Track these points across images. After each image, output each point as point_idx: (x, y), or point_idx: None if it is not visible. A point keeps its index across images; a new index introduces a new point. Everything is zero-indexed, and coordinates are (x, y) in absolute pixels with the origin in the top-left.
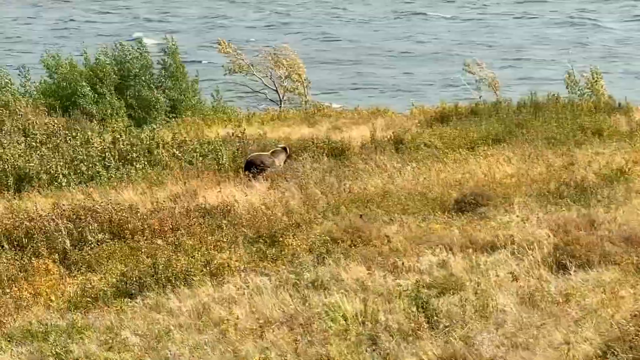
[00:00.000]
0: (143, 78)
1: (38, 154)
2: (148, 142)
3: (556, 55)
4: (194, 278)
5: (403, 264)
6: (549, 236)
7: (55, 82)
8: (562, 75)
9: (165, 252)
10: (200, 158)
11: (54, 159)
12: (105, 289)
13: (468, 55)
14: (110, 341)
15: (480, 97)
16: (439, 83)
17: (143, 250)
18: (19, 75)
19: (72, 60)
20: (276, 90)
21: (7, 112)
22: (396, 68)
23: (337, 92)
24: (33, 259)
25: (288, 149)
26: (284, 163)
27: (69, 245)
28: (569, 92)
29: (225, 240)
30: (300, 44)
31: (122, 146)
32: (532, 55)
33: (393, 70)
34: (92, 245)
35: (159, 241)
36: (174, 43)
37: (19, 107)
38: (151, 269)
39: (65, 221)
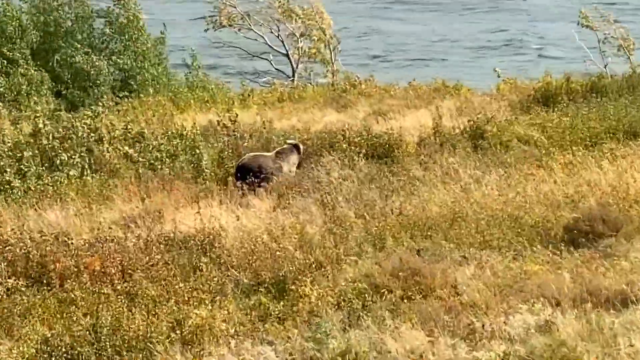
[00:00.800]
0: (79, 36)
1: None
2: (87, 135)
3: None
4: (157, 348)
5: (483, 326)
6: None
7: None
8: None
9: (113, 306)
10: (168, 160)
11: None
12: None
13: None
14: None
15: (605, 67)
16: (512, 45)
17: (78, 303)
18: None
19: None
20: (287, 55)
21: None
22: (445, 22)
23: (363, 58)
24: None
25: (302, 148)
26: (297, 168)
27: None
28: None
29: (205, 288)
30: None
31: (46, 141)
32: None
33: (440, 26)
34: None
35: (104, 290)
36: None
37: None
38: (90, 334)
39: None
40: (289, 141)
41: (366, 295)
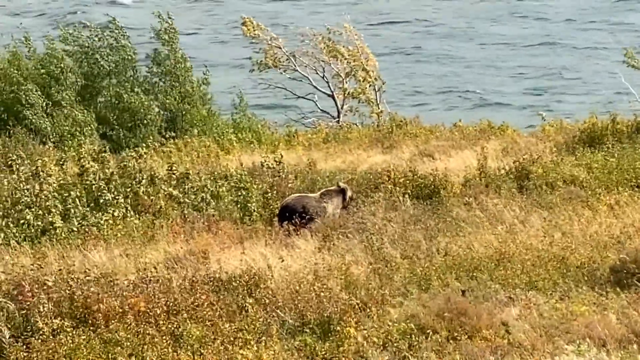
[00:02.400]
0: (124, 77)
1: None
2: (133, 176)
3: None
4: None
5: None
6: None
7: None
8: None
9: (158, 347)
10: (213, 201)
11: None
12: None
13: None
14: None
15: None
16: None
17: (123, 344)
18: None
19: (16, 51)
20: (332, 96)
21: None
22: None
23: (412, 95)
24: None
25: (348, 190)
26: (342, 209)
27: (7, 336)
28: None
29: (251, 329)
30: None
31: (91, 182)
32: None
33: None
34: (44, 336)
35: (148, 330)
36: (169, 20)
37: None
38: None
39: (1, 299)
40: (340, 183)
41: (412, 335)
